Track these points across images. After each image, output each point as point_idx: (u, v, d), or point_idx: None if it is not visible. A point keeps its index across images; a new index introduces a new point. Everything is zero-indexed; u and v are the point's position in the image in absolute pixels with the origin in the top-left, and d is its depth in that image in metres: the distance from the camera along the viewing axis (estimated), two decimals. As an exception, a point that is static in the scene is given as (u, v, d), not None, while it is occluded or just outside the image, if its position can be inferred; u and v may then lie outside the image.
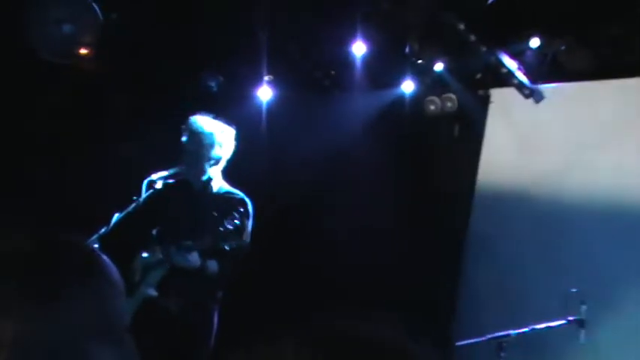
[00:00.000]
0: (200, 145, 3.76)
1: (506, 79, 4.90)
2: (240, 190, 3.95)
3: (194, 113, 3.94)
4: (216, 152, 3.81)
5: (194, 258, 3.66)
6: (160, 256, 3.77)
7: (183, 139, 3.83)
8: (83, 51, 4.93)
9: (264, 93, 5.37)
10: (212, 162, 3.82)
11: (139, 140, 5.28)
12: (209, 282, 3.80)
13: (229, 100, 5.21)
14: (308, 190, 5.60)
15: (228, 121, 3.89)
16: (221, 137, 3.81)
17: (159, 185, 3.73)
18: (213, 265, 3.74)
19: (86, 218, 3.62)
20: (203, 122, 3.82)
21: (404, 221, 5.28)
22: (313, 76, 5.40)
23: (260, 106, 5.34)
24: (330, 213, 5.49)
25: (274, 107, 5.38)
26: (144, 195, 3.70)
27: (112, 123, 5.32)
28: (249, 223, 3.83)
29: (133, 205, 3.66)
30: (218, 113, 3.94)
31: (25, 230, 1.02)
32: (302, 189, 5.57)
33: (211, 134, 3.78)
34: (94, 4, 4.80)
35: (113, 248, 3.69)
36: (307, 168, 5.48)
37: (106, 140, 5.18)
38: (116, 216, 3.58)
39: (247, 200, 3.86)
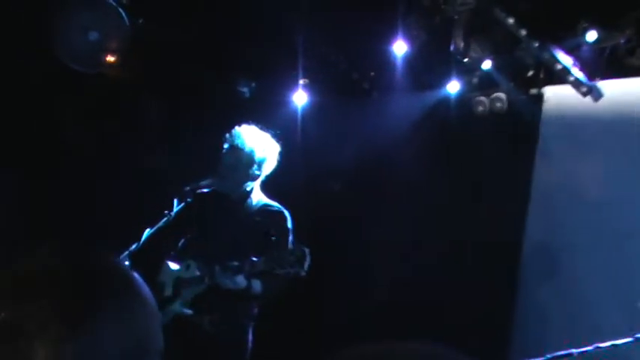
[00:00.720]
0: (238, 162, 3.79)
1: (560, 76, 4.76)
2: (278, 201, 3.94)
3: (228, 120, 3.98)
4: (254, 171, 3.82)
5: (240, 280, 3.64)
6: (197, 272, 3.74)
7: (225, 147, 3.83)
8: (110, 58, 4.98)
9: (300, 98, 5.39)
10: (249, 179, 3.84)
11: (170, 150, 5.41)
12: (248, 300, 3.82)
13: (262, 106, 5.24)
14: (348, 201, 5.61)
15: (268, 128, 3.90)
16: (262, 155, 3.81)
17: (192, 198, 3.73)
18: (257, 286, 3.72)
19: (117, 233, 3.65)
20: (246, 137, 3.81)
21: (454, 232, 5.24)
22: (351, 78, 5.40)
23: (295, 111, 5.36)
24: (373, 225, 5.47)
25: (310, 112, 5.40)
26: (176, 208, 3.68)
27: (142, 133, 5.37)
28: (290, 239, 3.83)
29: (165, 219, 3.65)
30: (252, 120, 3.96)
31: (55, 247, 1.03)
32: (342, 199, 5.62)
33: (251, 152, 3.78)
34: (120, 9, 4.85)
35: (145, 265, 3.75)
36: (346, 176, 5.55)
37: (136, 151, 5.24)
38: (147, 231, 3.57)
39: (286, 213, 3.86)
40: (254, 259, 3.57)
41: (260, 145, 3.82)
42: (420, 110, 5.33)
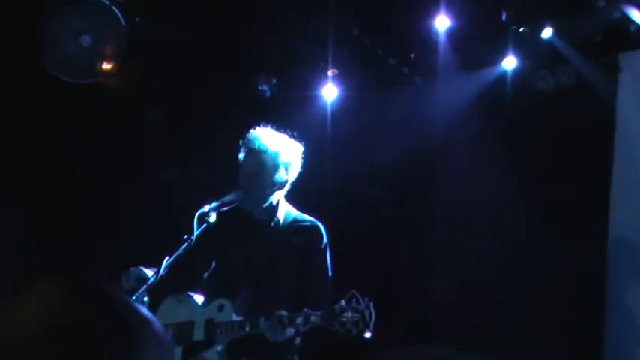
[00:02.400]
0: (261, 168, 3.70)
1: (636, 39, 4.70)
2: (310, 214, 3.88)
3: (249, 125, 3.89)
4: (280, 176, 3.73)
5: (290, 332, 3.52)
6: (234, 316, 3.64)
7: (241, 157, 3.76)
8: (107, 66, 4.97)
9: (329, 91, 5.36)
10: (275, 187, 3.74)
11: (183, 165, 5.37)
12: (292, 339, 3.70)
13: (287, 105, 5.25)
14: (395, 209, 5.55)
15: (292, 131, 3.84)
16: (287, 157, 3.74)
17: (213, 218, 3.60)
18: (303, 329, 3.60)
19: (129, 265, 3.67)
20: (265, 139, 3.74)
21: (523, 231, 5.11)
22: (388, 63, 5.32)
23: (324, 108, 5.34)
24: (425, 235, 5.41)
25: (342, 108, 5.37)
26: (196, 232, 3.56)
27: (149, 147, 5.43)
28: (328, 257, 3.75)
29: (185, 245, 3.54)
30: (276, 123, 3.89)
31: (57, 280, 1.03)
32: (387, 205, 5.58)
33: (276, 155, 3.71)
34: (114, 8, 4.81)
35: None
36: (390, 180, 5.52)
37: (144, 168, 5.26)
38: (166, 260, 3.49)
39: (321, 228, 3.80)
40: (308, 311, 3.44)
41: (284, 146, 3.75)
42: (472, 94, 5.26)
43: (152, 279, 3.48)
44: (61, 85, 4.91)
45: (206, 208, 3.62)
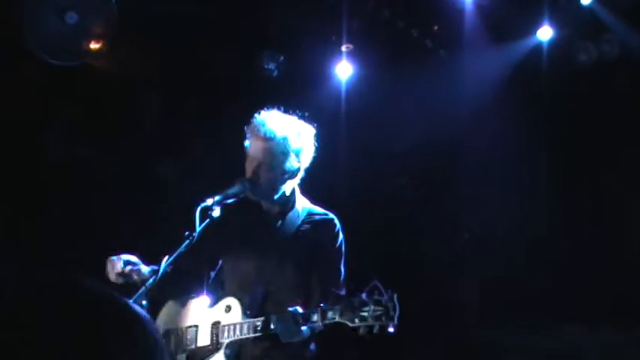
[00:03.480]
0: (269, 156, 3.65)
1: None
2: (323, 206, 3.84)
3: (254, 109, 3.82)
4: (291, 163, 3.68)
5: (305, 332, 3.47)
6: (242, 318, 3.60)
7: (246, 144, 3.71)
8: (95, 45, 4.93)
9: (344, 69, 5.35)
10: (287, 176, 3.71)
11: (182, 154, 5.33)
12: (307, 342, 3.67)
13: (295, 85, 5.25)
14: (418, 198, 5.53)
15: (302, 114, 3.78)
16: (298, 142, 3.69)
17: (217, 212, 3.53)
18: (319, 327, 3.52)
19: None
20: (272, 123, 3.68)
21: (559, 220, 5.10)
22: (410, 36, 5.30)
23: (338, 87, 5.33)
24: (454, 225, 5.42)
25: (358, 87, 5.37)
26: (199, 228, 3.49)
27: (143, 135, 5.41)
28: (343, 253, 3.73)
29: (187, 242, 3.46)
30: (284, 105, 3.81)
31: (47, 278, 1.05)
32: (410, 195, 5.56)
33: (285, 139, 3.65)
34: None
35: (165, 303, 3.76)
36: (413, 166, 5.47)
37: (138, 159, 5.26)
38: (166, 260, 3.43)
39: (337, 221, 3.77)
40: (324, 307, 3.37)
41: (293, 129, 3.69)
42: (503, 68, 5.28)
43: (151, 281, 3.42)
44: (45, 68, 4.86)
45: (209, 202, 3.56)
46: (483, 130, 5.29)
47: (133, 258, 3.61)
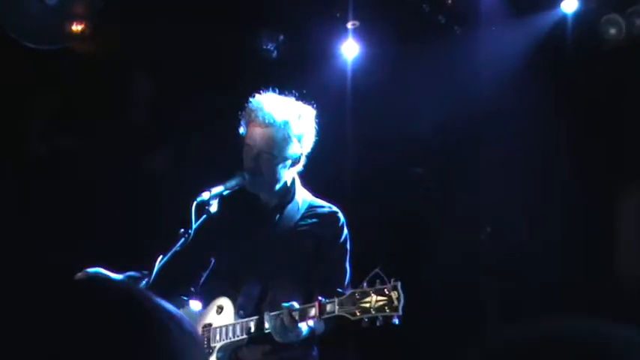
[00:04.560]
0: (269, 144, 3.64)
1: None
2: (328, 199, 3.86)
3: (251, 92, 3.80)
4: (293, 149, 3.68)
5: (302, 330, 3.46)
6: (235, 318, 3.62)
7: (242, 132, 3.73)
8: (77, 27, 4.96)
9: (349, 49, 5.35)
10: (288, 163, 3.71)
11: (174, 145, 5.38)
12: (308, 345, 3.69)
13: (297, 66, 5.23)
14: (435, 186, 5.51)
15: (298, 94, 3.79)
16: (299, 126, 3.68)
17: (214, 207, 3.58)
18: (321, 327, 3.57)
19: (115, 265, 3.60)
20: (270, 107, 3.67)
21: (582, 209, 5.06)
22: (421, 11, 5.28)
23: (344, 68, 5.34)
24: (475, 212, 5.35)
25: (365, 68, 5.34)
26: (195, 224, 3.52)
27: (132, 125, 5.42)
28: (348, 249, 3.76)
29: (182, 240, 3.50)
30: (284, 89, 3.82)
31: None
32: (424, 183, 5.57)
33: (286, 124, 3.65)
34: None
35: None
36: (427, 152, 5.46)
37: (127, 150, 5.23)
38: (160, 260, 3.46)
39: (340, 215, 3.79)
40: (323, 300, 3.39)
41: (293, 112, 3.68)
42: (524, 44, 5.22)
43: (144, 283, 3.44)
44: (23, 53, 4.86)
45: (205, 196, 3.60)
46: (503, 114, 5.24)
47: (100, 271, 3.57)
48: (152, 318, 1.11)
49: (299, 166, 3.75)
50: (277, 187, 3.71)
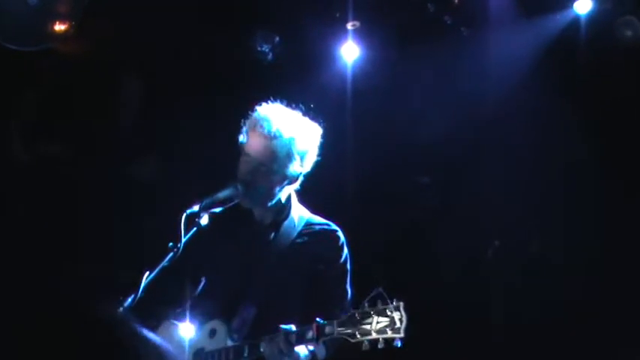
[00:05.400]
0: (272, 158, 3.66)
1: None
2: (325, 213, 3.87)
3: (249, 98, 3.84)
4: (294, 167, 3.71)
5: (300, 355, 3.45)
6: (228, 342, 3.61)
7: (242, 140, 3.73)
8: (60, 27, 4.93)
9: (349, 50, 5.36)
10: (287, 182, 3.74)
11: (164, 152, 5.36)
12: None
13: (294, 69, 5.26)
14: (439, 195, 5.53)
15: (306, 108, 3.80)
16: (304, 144, 3.71)
17: (205, 220, 3.55)
18: (322, 352, 3.52)
19: (100, 280, 3.70)
20: (277, 120, 3.69)
21: (602, 213, 5.09)
22: (425, 12, 5.29)
23: (343, 72, 5.35)
24: (480, 224, 5.36)
25: (366, 71, 5.37)
26: (184, 238, 3.49)
27: (119, 131, 5.43)
28: (348, 269, 3.77)
29: (170, 255, 3.46)
30: (279, 94, 3.84)
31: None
32: (428, 194, 5.57)
33: (290, 142, 3.67)
34: None
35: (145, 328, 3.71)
36: (433, 160, 5.46)
37: (113, 157, 5.26)
38: (147, 276, 3.42)
39: (340, 233, 3.81)
40: (320, 322, 3.37)
41: (300, 129, 3.70)
42: (535, 46, 5.27)
43: (129, 300, 3.37)
44: (3, 54, 4.83)
45: (196, 208, 3.57)
46: (513, 119, 5.25)
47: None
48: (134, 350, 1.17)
49: (296, 185, 3.76)
50: (271, 203, 3.72)
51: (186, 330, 3.73)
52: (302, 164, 3.70)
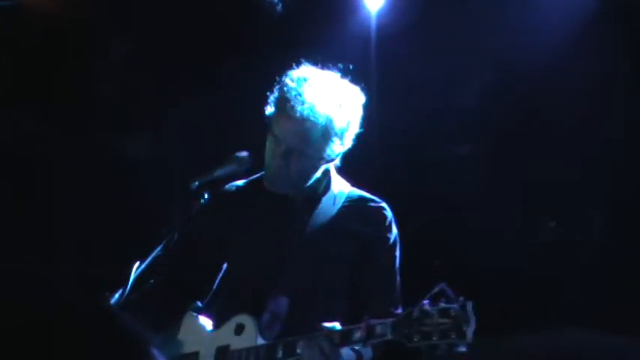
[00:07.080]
0: (306, 139, 3.63)
1: None
2: (362, 187, 3.85)
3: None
4: (332, 148, 3.68)
5: (346, 355, 3.43)
6: (259, 340, 3.58)
7: (269, 113, 3.70)
8: None
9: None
10: (323, 162, 3.73)
11: (156, 124, 5.47)
12: None
13: (308, 21, 5.33)
14: (483, 168, 5.45)
15: (344, 67, 3.74)
16: (344, 120, 3.65)
17: (210, 196, 3.60)
18: (368, 354, 3.55)
19: (83, 270, 3.83)
20: (313, 95, 3.62)
21: None
22: None
23: (367, 22, 5.41)
24: (533, 201, 5.35)
25: (394, 21, 5.38)
26: (181, 221, 3.57)
27: (102, 100, 5.51)
28: (398, 252, 3.76)
29: (165, 241, 3.52)
30: (290, 52, 3.81)
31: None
32: (470, 166, 5.59)
33: (328, 121, 3.61)
34: None
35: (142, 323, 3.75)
36: (474, 126, 5.44)
37: (96, 132, 5.35)
38: (137, 266, 3.49)
39: (388, 210, 3.78)
40: (371, 321, 3.29)
41: (339, 104, 3.64)
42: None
43: (117, 297, 3.44)
44: None
45: (196, 184, 3.62)
46: (569, 78, 5.15)
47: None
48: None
49: (335, 162, 3.76)
50: (305, 185, 3.72)
51: (205, 323, 3.76)
52: (342, 142, 3.66)
